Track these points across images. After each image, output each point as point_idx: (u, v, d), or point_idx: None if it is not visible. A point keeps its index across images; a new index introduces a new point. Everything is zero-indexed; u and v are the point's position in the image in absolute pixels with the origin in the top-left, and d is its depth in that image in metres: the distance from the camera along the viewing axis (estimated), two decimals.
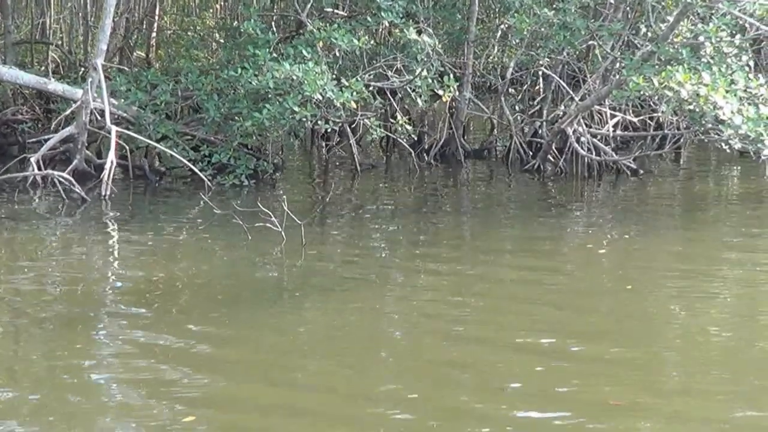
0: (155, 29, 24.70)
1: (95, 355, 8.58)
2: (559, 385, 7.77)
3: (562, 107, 18.86)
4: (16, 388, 7.74)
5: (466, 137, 20.27)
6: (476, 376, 8.16)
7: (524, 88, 20.74)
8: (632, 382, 7.93)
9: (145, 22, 24.39)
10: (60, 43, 24.71)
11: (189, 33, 24.36)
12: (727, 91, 14.27)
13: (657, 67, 15.21)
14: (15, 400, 7.47)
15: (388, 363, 8.74)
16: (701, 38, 15.53)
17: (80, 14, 24.37)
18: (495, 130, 20.62)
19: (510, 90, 20.61)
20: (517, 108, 20.25)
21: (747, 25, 16.01)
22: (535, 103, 20.04)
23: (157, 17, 24.49)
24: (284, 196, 13.43)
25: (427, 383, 7.97)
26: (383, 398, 7.70)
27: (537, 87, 20.79)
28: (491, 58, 21.54)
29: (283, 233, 12.08)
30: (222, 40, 21.04)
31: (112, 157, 15.16)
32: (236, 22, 18.51)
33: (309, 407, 7.45)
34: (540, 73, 19.90)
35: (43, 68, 21.70)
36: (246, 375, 8.13)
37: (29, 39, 23.61)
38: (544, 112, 19.42)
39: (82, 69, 20.62)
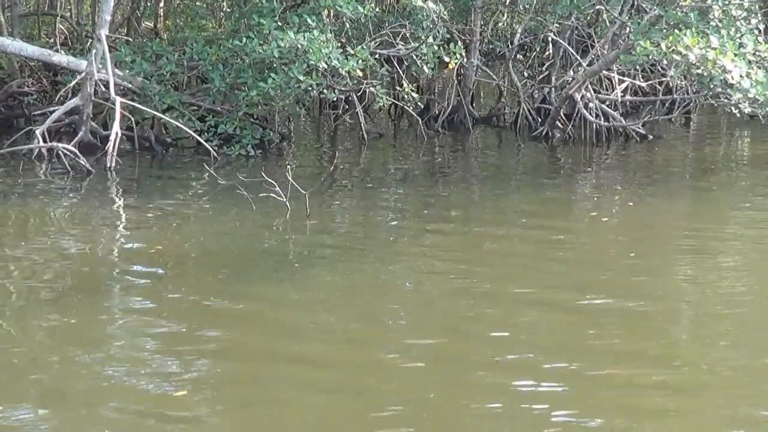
0: None
1: (106, 319, 8.66)
2: (564, 336, 7.97)
3: (571, 73, 18.66)
4: (31, 350, 7.87)
5: (475, 104, 20.14)
6: (483, 327, 8.33)
7: (533, 54, 20.52)
8: (641, 334, 8.09)
9: None
10: (68, 14, 24.50)
11: (197, 2, 24.09)
12: (735, 55, 14.15)
13: (665, 31, 15.06)
14: (31, 359, 7.63)
15: (397, 317, 8.87)
16: (709, 1, 15.36)
17: None
18: (503, 96, 20.43)
19: (518, 56, 20.39)
20: (525, 74, 20.07)
21: None
22: (544, 69, 19.81)
23: None
24: (289, 166, 13.35)
25: (435, 335, 8.20)
26: (393, 349, 7.90)
27: (546, 53, 20.56)
28: (499, 24, 21.28)
29: (287, 203, 12.02)
30: (228, 10, 20.84)
31: (116, 128, 15.07)
32: None
33: (320, 358, 7.62)
34: (549, 38, 19.66)
35: (51, 40, 21.54)
36: (258, 332, 8.28)
37: (36, 11, 23.44)
38: (553, 78, 19.21)
39: (89, 40, 20.44)
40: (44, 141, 15.38)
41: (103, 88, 15.86)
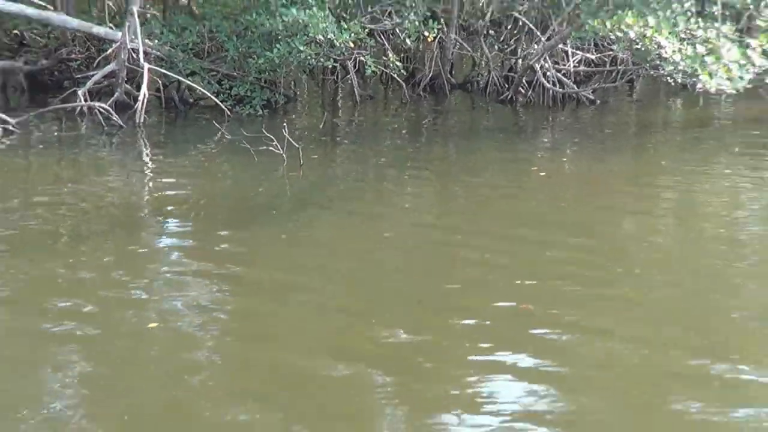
0: None
1: (135, 249, 8.65)
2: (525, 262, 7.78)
3: (534, 46, 18.23)
4: (75, 273, 7.84)
5: (453, 72, 19.72)
6: (454, 254, 8.41)
7: (503, 30, 20.04)
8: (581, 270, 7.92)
9: None
10: None
11: None
12: (669, 33, 13.79)
13: (610, 12, 14.61)
14: (65, 284, 7.57)
15: (381, 249, 8.70)
16: None
17: None
18: (476, 66, 20.02)
19: (490, 32, 19.93)
20: (496, 47, 19.63)
21: None
22: (511, 42, 19.39)
23: None
24: (285, 123, 13.06)
25: (417, 264, 8.24)
26: (376, 280, 7.85)
27: (515, 30, 20.05)
28: (475, 4, 20.74)
29: (284, 155, 11.84)
30: None
31: (144, 90, 14.87)
32: None
33: (314, 285, 7.55)
34: (515, 17, 19.19)
35: (102, 14, 21.09)
36: (260, 266, 8.14)
37: None
38: (518, 50, 18.80)
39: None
40: (85, 100, 15.14)
41: (135, 56, 15.49)
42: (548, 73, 17.28)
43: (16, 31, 19.82)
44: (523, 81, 17.66)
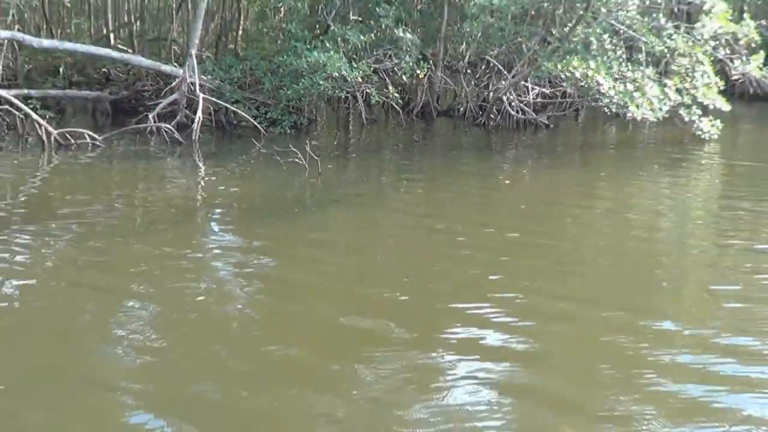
0: (240, 29, 23.87)
1: (193, 233, 8.66)
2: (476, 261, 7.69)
3: (502, 82, 18.21)
4: (146, 248, 7.85)
5: (439, 102, 19.68)
6: (439, 238, 8.43)
7: (478, 69, 19.97)
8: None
9: (233, 22, 23.53)
10: (181, 40, 23.97)
11: (263, 29, 23.41)
12: (606, 74, 13.87)
13: (561, 56, 14.65)
14: (140, 257, 7.51)
15: (382, 235, 8.75)
16: (591, 38, 14.91)
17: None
18: (457, 97, 19.98)
19: (468, 70, 19.89)
20: (472, 82, 19.57)
21: (620, 30, 15.27)
22: (484, 79, 19.35)
23: (242, 20, 23.57)
24: (307, 141, 13.02)
25: (410, 245, 8.24)
26: (380, 257, 7.84)
27: (488, 69, 20.00)
28: (457, 49, 20.68)
29: (306, 165, 11.79)
30: (281, 35, 20.34)
31: (199, 114, 14.90)
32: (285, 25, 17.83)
33: (330, 260, 7.60)
34: (487, 59, 19.14)
35: (169, 56, 21.10)
36: (288, 245, 8.18)
37: (158, 38, 23.00)
38: (490, 85, 18.77)
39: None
40: (154, 122, 15.13)
41: (193, 88, 15.48)
42: (513, 103, 17.29)
43: (104, 69, 19.90)
44: (493, 109, 17.65)
